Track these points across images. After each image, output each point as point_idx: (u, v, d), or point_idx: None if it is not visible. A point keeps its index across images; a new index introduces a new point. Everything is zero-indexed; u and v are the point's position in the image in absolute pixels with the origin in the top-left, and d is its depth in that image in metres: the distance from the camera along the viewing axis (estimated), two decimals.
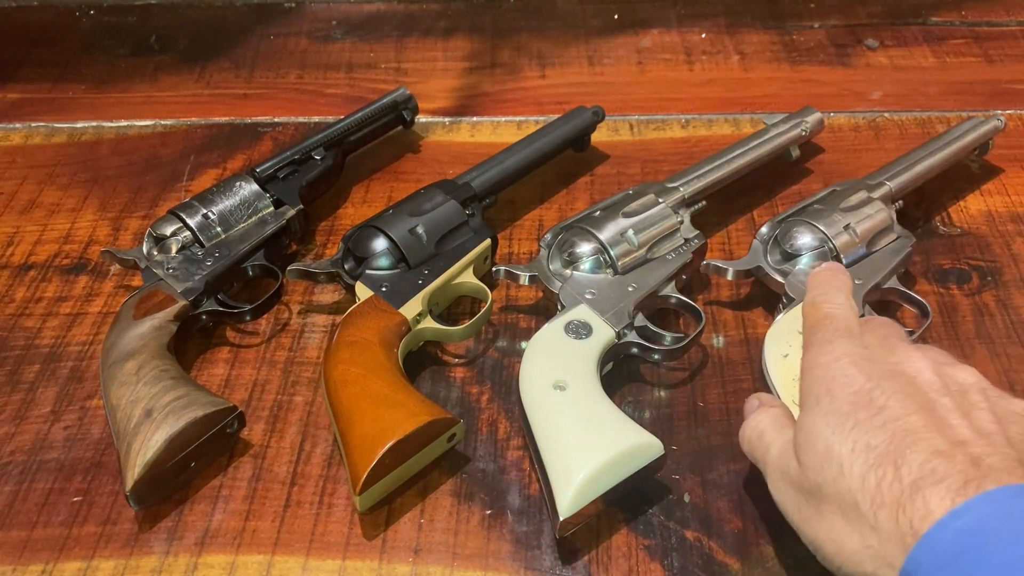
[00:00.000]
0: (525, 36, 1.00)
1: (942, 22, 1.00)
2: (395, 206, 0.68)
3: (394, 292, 0.63)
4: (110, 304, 0.69)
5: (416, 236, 0.65)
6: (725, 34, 0.99)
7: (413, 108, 0.82)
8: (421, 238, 0.65)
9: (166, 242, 0.67)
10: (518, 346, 0.65)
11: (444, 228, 0.66)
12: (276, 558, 0.53)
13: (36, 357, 0.65)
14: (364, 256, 0.65)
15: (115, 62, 0.97)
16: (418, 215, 0.66)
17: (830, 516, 0.43)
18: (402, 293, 0.63)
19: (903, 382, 0.45)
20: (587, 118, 0.79)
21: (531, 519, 0.54)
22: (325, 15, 1.05)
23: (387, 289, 0.63)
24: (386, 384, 0.55)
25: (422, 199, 0.68)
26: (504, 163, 0.73)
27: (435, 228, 0.66)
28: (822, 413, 0.45)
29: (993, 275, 0.69)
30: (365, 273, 0.64)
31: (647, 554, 0.52)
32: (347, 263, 0.66)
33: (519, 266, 0.64)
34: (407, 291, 0.63)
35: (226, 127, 0.88)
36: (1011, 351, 0.64)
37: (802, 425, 0.47)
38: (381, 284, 0.63)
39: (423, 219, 0.66)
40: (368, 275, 0.64)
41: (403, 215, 0.66)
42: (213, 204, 0.68)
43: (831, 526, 0.43)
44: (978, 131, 0.75)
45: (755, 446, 0.50)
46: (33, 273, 0.72)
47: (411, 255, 0.65)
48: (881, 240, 0.65)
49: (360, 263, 0.65)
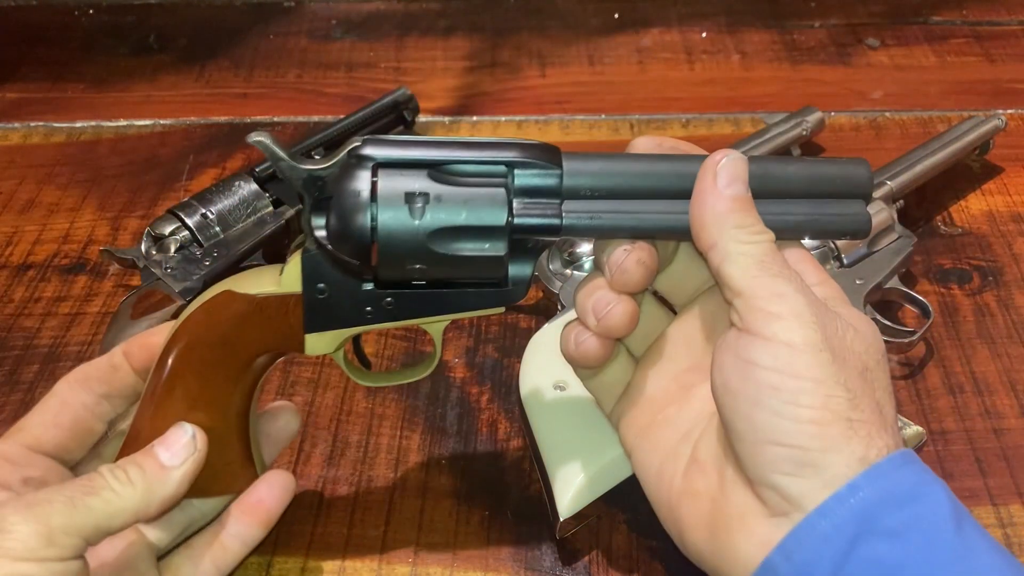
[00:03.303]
0: (525, 35, 1.00)
1: (943, 21, 1.00)
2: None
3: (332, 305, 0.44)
4: (109, 304, 0.69)
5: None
6: (726, 33, 0.99)
7: (414, 108, 0.82)
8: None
9: (165, 241, 0.66)
10: (518, 346, 0.64)
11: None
12: (276, 558, 0.52)
13: (35, 357, 0.65)
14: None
15: (114, 61, 0.97)
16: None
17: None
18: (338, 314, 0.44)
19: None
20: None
21: (531, 519, 0.54)
22: (325, 14, 1.04)
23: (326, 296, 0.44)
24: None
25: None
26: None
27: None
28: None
29: (994, 275, 0.69)
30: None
31: (648, 555, 0.52)
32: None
33: None
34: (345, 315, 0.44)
35: (225, 127, 0.87)
36: (1012, 351, 0.63)
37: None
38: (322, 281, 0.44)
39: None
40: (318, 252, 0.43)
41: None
42: (212, 204, 0.68)
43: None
44: (979, 131, 0.75)
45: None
46: (32, 273, 0.72)
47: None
48: (882, 240, 0.65)
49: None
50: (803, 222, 0.43)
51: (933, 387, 0.61)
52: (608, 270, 0.42)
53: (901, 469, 0.37)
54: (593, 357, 0.44)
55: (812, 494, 0.37)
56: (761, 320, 0.38)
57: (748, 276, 0.39)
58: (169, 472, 0.43)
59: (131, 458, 0.43)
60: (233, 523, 0.47)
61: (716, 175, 0.41)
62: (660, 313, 0.47)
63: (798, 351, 0.37)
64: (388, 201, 0.41)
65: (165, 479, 0.43)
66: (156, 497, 0.42)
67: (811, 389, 0.37)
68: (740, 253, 0.39)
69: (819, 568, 0.36)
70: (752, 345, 0.38)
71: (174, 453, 0.43)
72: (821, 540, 0.36)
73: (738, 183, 0.41)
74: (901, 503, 0.36)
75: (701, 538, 0.41)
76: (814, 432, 0.37)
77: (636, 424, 0.45)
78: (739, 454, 0.39)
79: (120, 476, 0.42)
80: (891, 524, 0.36)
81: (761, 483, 0.38)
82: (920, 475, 0.38)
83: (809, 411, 0.37)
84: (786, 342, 0.38)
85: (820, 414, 0.37)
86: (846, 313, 0.40)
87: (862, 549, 0.36)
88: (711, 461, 0.41)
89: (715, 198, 0.40)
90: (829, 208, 0.43)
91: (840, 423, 0.37)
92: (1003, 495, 0.55)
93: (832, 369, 0.37)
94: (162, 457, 0.43)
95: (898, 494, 0.36)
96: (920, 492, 0.37)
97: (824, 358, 0.37)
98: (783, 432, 0.37)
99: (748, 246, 0.40)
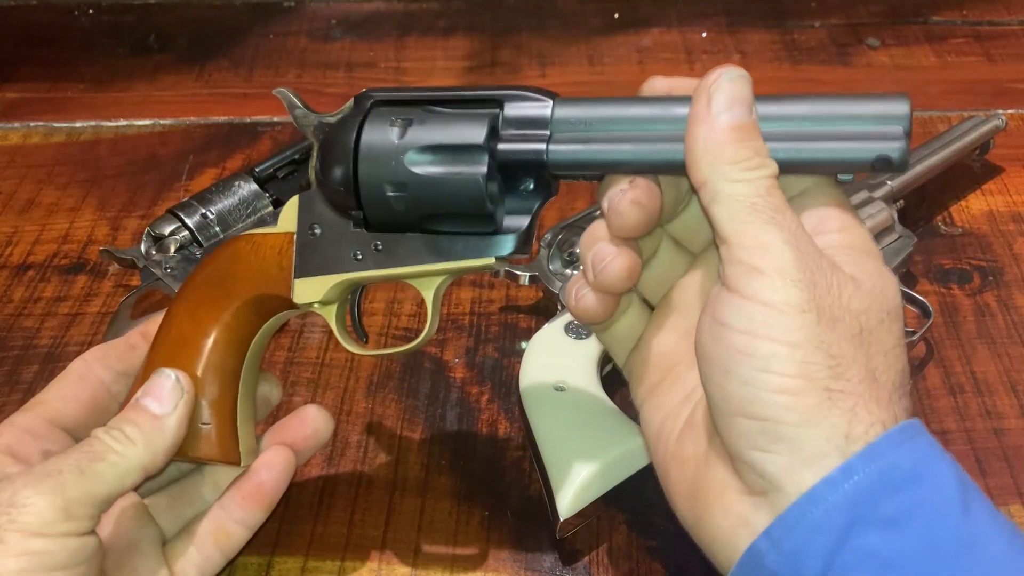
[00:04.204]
0: (525, 35, 1.00)
1: (943, 21, 1.00)
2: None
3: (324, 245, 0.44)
4: (109, 304, 0.69)
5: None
6: (726, 33, 0.99)
7: None
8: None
9: (164, 241, 0.66)
10: (518, 346, 0.64)
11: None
12: (276, 558, 0.52)
13: (35, 357, 0.65)
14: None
15: (114, 61, 0.97)
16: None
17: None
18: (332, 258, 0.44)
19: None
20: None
21: (531, 520, 0.54)
22: (324, 14, 1.04)
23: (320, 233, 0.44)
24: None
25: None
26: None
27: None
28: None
29: (994, 275, 0.69)
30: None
31: (648, 555, 0.52)
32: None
33: (519, 266, 0.64)
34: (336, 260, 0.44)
35: (225, 126, 0.87)
36: (1012, 351, 0.63)
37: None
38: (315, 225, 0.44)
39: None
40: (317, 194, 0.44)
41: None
42: (212, 204, 0.68)
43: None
44: (979, 130, 0.75)
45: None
46: (32, 273, 0.72)
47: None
48: (882, 240, 0.65)
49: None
50: (824, 154, 0.37)
51: (933, 387, 0.61)
52: (605, 213, 0.39)
53: (900, 447, 0.33)
54: (594, 313, 0.41)
55: (790, 474, 0.33)
56: (742, 276, 0.34)
57: (735, 221, 0.34)
58: (164, 420, 0.42)
59: (123, 416, 0.43)
60: (236, 508, 0.46)
61: (710, 98, 0.36)
62: (679, 260, 0.43)
63: (775, 312, 0.33)
64: (373, 126, 0.41)
65: (162, 428, 0.42)
66: (159, 448, 0.42)
67: (785, 355, 0.33)
68: (730, 193, 0.34)
69: (809, 559, 0.33)
70: (727, 305, 0.34)
71: (163, 401, 0.43)
72: (811, 529, 0.33)
73: (737, 107, 0.36)
74: (900, 486, 0.32)
75: (685, 506, 0.39)
76: (787, 403, 0.33)
77: (647, 380, 0.42)
78: (716, 426, 0.36)
79: (119, 436, 0.41)
80: (889, 511, 0.32)
81: (737, 458, 0.35)
82: (923, 452, 0.34)
83: (781, 379, 0.33)
84: (763, 301, 0.33)
85: (793, 383, 0.33)
86: (861, 265, 0.35)
87: (856, 540, 0.32)
88: (703, 427, 0.38)
89: (708, 127, 0.35)
90: (850, 141, 0.37)
91: (816, 393, 0.33)
92: (1003, 495, 0.55)
93: (814, 332, 0.33)
94: (152, 407, 0.43)
95: (897, 476, 0.33)
96: (922, 472, 0.33)
97: (807, 320, 0.33)
98: (753, 403, 0.33)
99: (740, 185, 0.35)
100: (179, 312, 0.45)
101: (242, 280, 0.44)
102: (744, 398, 0.34)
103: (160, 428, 0.42)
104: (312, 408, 0.49)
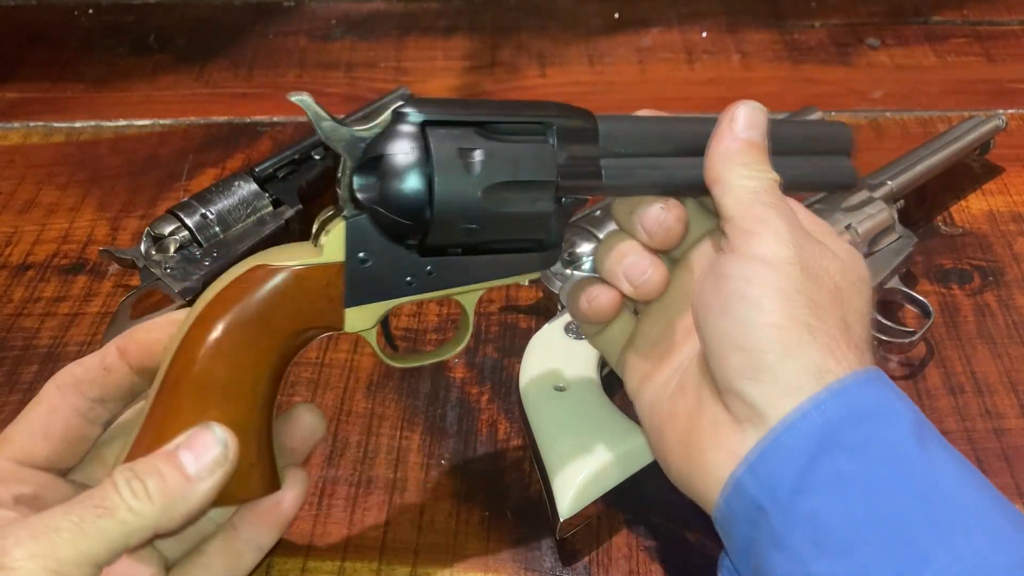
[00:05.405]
0: (525, 35, 1.00)
1: (943, 21, 1.00)
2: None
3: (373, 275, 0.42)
4: (108, 304, 0.69)
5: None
6: (726, 33, 0.99)
7: None
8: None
9: (164, 241, 0.66)
10: (518, 346, 0.64)
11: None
12: (275, 559, 0.52)
13: (34, 357, 0.65)
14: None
15: (114, 61, 0.97)
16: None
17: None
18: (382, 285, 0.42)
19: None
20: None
21: (531, 520, 0.54)
22: (324, 14, 1.04)
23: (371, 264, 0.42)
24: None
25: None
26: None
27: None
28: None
29: (995, 275, 0.69)
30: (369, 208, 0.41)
31: (648, 555, 0.52)
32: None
33: None
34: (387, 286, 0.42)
35: (225, 126, 0.87)
36: (1013, 351, 0.63)
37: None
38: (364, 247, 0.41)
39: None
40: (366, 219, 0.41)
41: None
42: (211, 204, 0.68)
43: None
44: (979, 130, 0.75)
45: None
46: (31, 273, 0.72)
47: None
48: (883, 240, 0.65)
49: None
50: (800, 176, 0.46)
51: (933, 387, 0.61)
52: (644, 230, 0.43)
53: (866, 387, 0.38)
54: (606, 314, 0.46)
55: (772, 402, 0.38)
56: (742, 239, 0.41)
57: (741, 204, 0.41)
58: (195, 485, 0.37)
59: (151, 463, 0.38)
60: (247, 528, 0.43)
61: (733, 119, 0.43)
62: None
63: (768, 264, 0.39)
64: (442, 159, 0.40)
65: (190, 493, 0.37)
66: (179, 514, 0.37)
67: (774, 295, 0.39)
68: (740, 187, 0.41)
69: (783, 480, 0.37)
70: (729, 261, 0.41)
71: (202, 462, 0.38)
72: (785, 454, 0.38)
73: (754, 129, 0.43)
74: (864, 418, 0.37)
75: (679, 460, 0.42)
76: (773, 336, 0.38)
77: (639, 371, 0.46)
78: (711, 367, 0.41)
79: (138, 490, 0.36)
80: (853, 439, 0.37)
81: (727, 390, 0.40)
82: (886, 393, 0.39)
83: (770, 315, 0.39)
84: (758, 257, 0.40)
85: (780, 318, 0.38)
86: (832, 243, 0.43)
87: (824, 462, 0.37)
88: (692, 386, 0.43)
89: (730, 138, 0.43)
90: (820, 163, 0.47)
91: (799, 328, 0.38)
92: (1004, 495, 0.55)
93: (799, 281, 0.39)
94: (188, 466, 0.38)
95: (862, 410, 0.38)
96: (884, 409, 0.38)
97: (793, 271, 0.39)
98: (745, 336, 0.39)
99: (748, 180, 0.42)
100: (210, 356, 0.40)
101: (287, 316, 0.41)
102: (737, 334, 0.39)
103: (188, 492, 0.37)
104: (303, 407, 0.47)
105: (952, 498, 0.37)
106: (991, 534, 0.36)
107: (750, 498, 0.38)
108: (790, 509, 0.37)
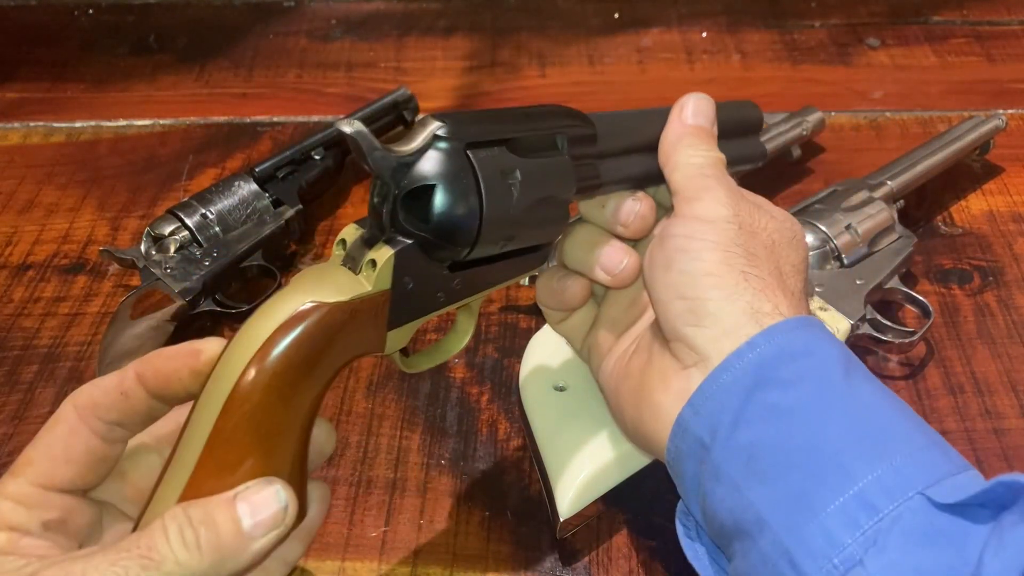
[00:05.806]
0: (525, 35, 1.00)
1: (943, 21, 1.00)
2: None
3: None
4: (108, 304, 0.69)
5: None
6: (726, 33, 0.99)
7: (414, 108, 0.82)
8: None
9: (164, 242, 0.66)
10: (518, 346, 0.64)
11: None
12: None
13: (34, 357, 0.65)
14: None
15: (114, 61, 0.97)
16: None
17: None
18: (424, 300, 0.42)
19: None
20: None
21: (531, 520, 0.54)
22: (324, 14, 1.04)
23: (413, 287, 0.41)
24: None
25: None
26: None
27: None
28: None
29: (995, 275, 0.69)
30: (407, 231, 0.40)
31: (648, 555, 0.52)
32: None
33: None
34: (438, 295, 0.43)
35: (225, 127, 0.87)
36: (1012, 351, 0.63)
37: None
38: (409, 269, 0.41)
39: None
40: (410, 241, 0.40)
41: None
42: (211, 204, 0.68)
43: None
44: (979, 130, 0.75)
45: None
46: (32, 273, 0.72)
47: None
48: (883, 240, 0.65)
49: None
50: (735, 156, 0.50)
51: (933, 387, 0.61)
52: (620, 221, 0.47)
53: (797, 330, 0.41)
54: (576, 303, 0.49)
55: (714, 344, 0.41)
56: (685, 204, 0.44)
57: (687, 178, 0.45)
58: (248, 543, 0.35)
59: (207, 511, 0.35)
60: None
61: (683, 108, 0.48)
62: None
63: (707, 221, 0.43)
64: (490, 184, 0.40)
65: (241, 551, 0.35)
66: (225, 571, 0.35)
67: (712, 247, 0.42)
68: (686, 164, 0.46)
69: (722, 416, 0.40)
70: (673, 223, 0.44)
71: (258, 518, 0.36)
72: (723, 392, 0.40)
73: (701, 117, 0.47)
74: (794, 357, 0.40)
75: (632, 411, 0.45)
76: (712, 283, 0.42)
77: (603, 348, 0.49)
78: (659, 319, 0.44)
79: (189, 540, 0.34)
80: (784, 375, 0.40)
81: (674, 339, 0.43)
82: (817, 336, 0.42)
83: (707, 264, 0.42)
84: (699, 216, 0.43)
85: (717, 267, 0.42)
86: (769, 208, 0.46)
87: (758, 396, 0.39)
88: (645, 346, 0.46)
89: (679, 125, 0.47)
90: (746, 143, 0.53)
91: (734, 275, 0.42)
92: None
93: (735, 235, 0.43)
94: (244, 521, 0.35)
95: (792, 349, 0.40)
96: (813, 348, 0.41)
97: (730, 227, 0.43)
98: (686, 286, 0.42)
99: (695, 159, 0.46)
100: (268, 397, 0.38)
101: (339, 350, 0.40)
102: (680, 283, 0.43)
103: (239, 549, 0.35)
104: (318, 423, 0.43)
105: (876, 423, 0.39)
106: (912, 455, 0.38)
107: (693, 435, 0.41)
108: (728, 442, 0.40)
